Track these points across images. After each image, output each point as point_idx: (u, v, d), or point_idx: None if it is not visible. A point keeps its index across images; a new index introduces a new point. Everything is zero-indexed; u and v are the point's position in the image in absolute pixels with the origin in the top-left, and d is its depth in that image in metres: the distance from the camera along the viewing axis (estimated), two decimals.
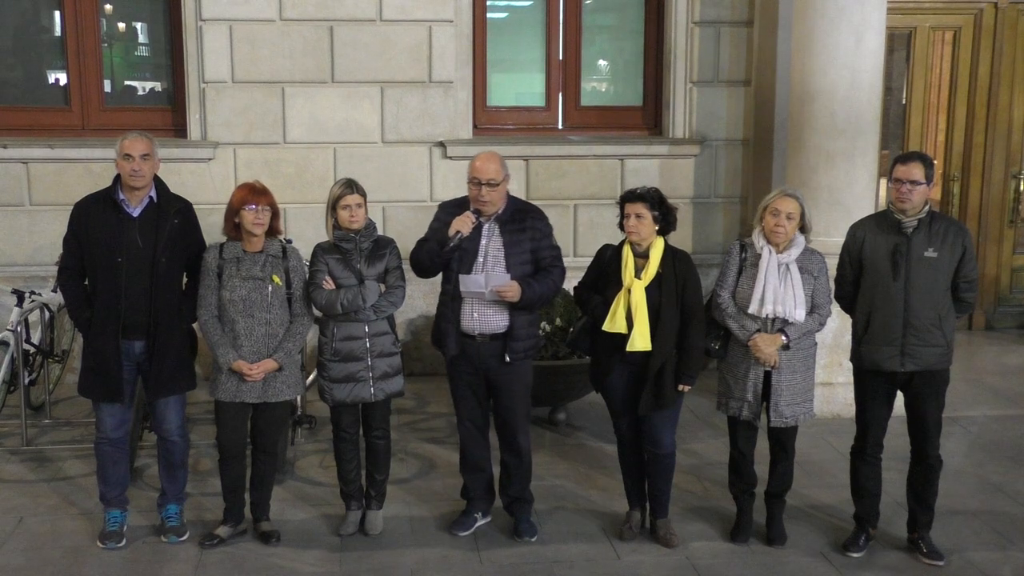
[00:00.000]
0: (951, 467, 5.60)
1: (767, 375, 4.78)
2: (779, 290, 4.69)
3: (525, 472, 5.06)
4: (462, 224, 4.72)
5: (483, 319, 4.80)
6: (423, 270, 4.91)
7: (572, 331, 5.16)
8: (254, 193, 4.71)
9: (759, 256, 4.75)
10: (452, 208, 4.92)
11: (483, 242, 4.81)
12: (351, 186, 4.79)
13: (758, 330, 4.73)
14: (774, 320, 4.73)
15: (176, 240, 4.75)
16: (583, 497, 5.53)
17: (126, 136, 4.73)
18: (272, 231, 4.79)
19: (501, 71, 8.13)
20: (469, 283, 4.75)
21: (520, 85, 8.29)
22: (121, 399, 4.78)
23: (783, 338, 4.70)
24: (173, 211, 4.77)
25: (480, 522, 5.13)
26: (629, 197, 4.76)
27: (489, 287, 4.73)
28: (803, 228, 4.76)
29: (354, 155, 7.57)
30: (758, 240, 4.78)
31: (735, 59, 7.84)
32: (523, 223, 4.85)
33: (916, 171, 4.58)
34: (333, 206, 4.79)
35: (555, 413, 6.72)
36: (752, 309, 4.72)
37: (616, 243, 4.88)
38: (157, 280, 4.69)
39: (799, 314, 4.69)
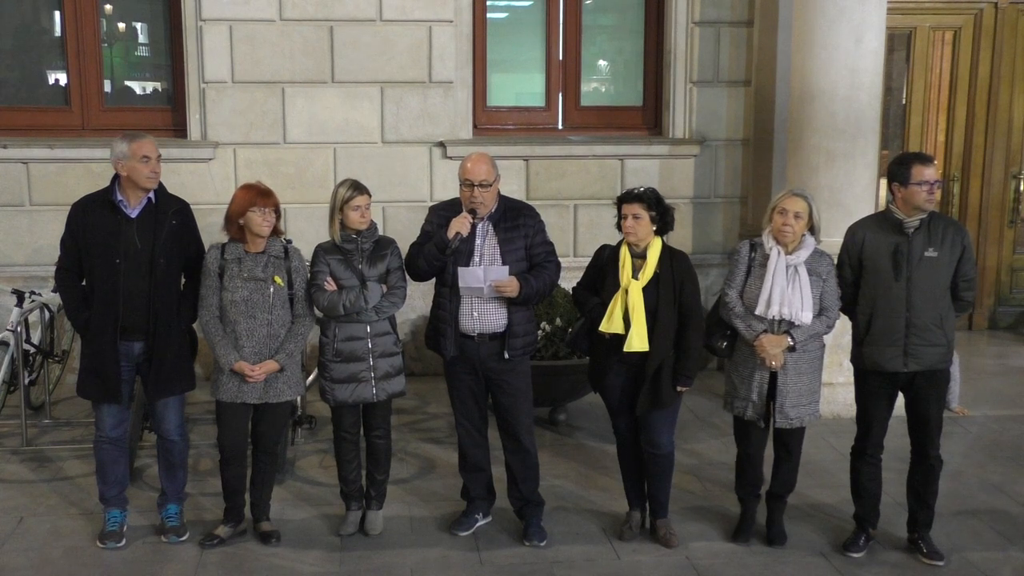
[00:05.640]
0: (951, 467, 5.61)
1: (773, 376, 4.77)
2: (787, 292, 4.66)
3: (532, 473, 5.05)
4: (461, 226, 4.72)
5: (483, 318, 4.80)
6: (421, 274, 4.91)
7: (571, 331, 5.16)
8: (260, 195, 4.70)
9: (768, 257, 4.74)
10: (443, 210, 4.92)
11: (478, 241, 4.81)
12: (359, 187, 4.80)
13: (764, 331, 4.72)
14: (780, 322, 4.72)
15: (175, 241, 4.75)
16: (583, 497, 5.53)
17: (134, 138, 4.69)
18: (274, 231, 4.78)
19: (501, 71, 8.13)
20: (468, 276, 4.75)
21: (520, 85, 8.29)
22: (119, 400, 4.78)
23: (789, 340, 4.70)
24: (171, 212, 4.76)
25: (480, 522, 5.13)
26: (626, 198, 4.75)
27: (488, 281, 4.73)
28: (812, 229, 4.75)
29: (354, 155, 7.58)
30: (767, 241, 4.76)
31: (735, 59, 7.84)
32: (516, 221, 4.85)
33: (935, 170, 4.61)
34: (341, 207, 4.79)
35: (555, 413, 6.72)
36: (759, 310, 4.70)
37: (615, 243, 4.89)
38: (156, 281, 4.69)
39: (806, 316, 4.67)
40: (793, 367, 4.75)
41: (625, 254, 4.77)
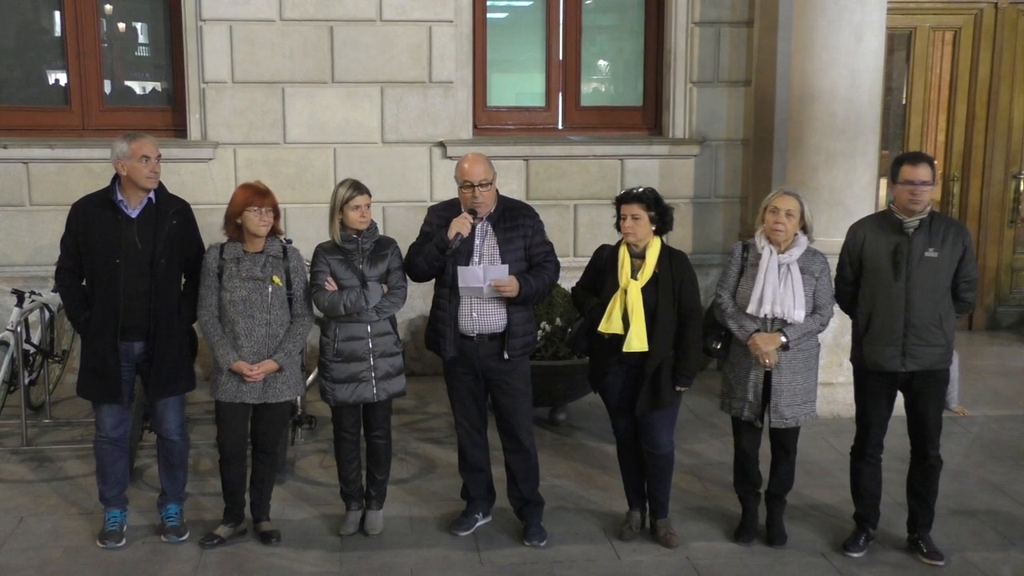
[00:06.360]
0: (951, 467, 5.61)
1: (768, 375, 4.77)
2: (778, 290, 4.68)
3: (532, 472, 5.06)
4: (461, 226, 4.72)
5: (482, 318, 4.80)
6: (420, 275, 4.91)
7: (571, 331, 5.16)
8: (258, 195, 4.70)
9: (760, 256, 4.74)
10: (442, 211, 4.92)
11: (477, 241, 4.81)
12: (360, 187, 4.80)
13: (757, 330, 4.73)
14: (773, 320, 4.72)
15: (175, 241, 4.75)
16: (583, 497, 5.53)
17: (134, 138, 4.69)
18: (273, 231, 4.79)
19: (501, 71, 8.13)
20: (467, 276, 4.75)
21: (520, 85, 8.29)
22: (120, 400, 4.78)
23: (782, 338, 4.70)
24: (171, 212, 4.76)
25: (480, 522, 5.13)
26: (625, 198, 4.76)
27: (487, 280, 4.73)
28: (804, 228, 4.75)
29: (354, 155, 7.58)
30: (760, 240, 4.77)
31: (735, 59, 7.84)
32: (515, 221, 4.86)
33: (926, 172, 4.60)
34: (341, 207, 4.79)
35: (555, 413, 6.72)
36: (751, 309, 4.71)
37: (614, 244, 4.88)
38: (156, 281, 4.68)
39: (798, 315, 4.68)
40: (787, 366, 4.75)
41: (624, 254, 4.77)
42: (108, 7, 7.68)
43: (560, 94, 8.01)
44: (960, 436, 6.50)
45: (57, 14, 7.61)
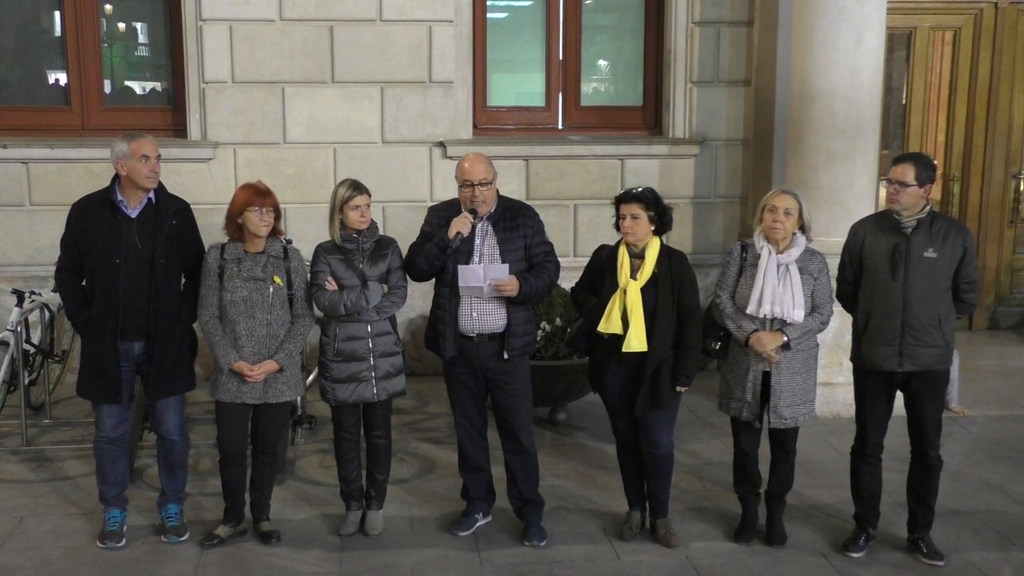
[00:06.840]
0: (951, 467, 5.61)
1: (766, 376, 4.77)
2: (778, 290, 4.68)
3: (532, 472, 5.06)
4: (461, 225, 4.72)
5: (482, 318, 4.80)
6: (420, 275, 4.91)
7: (570, 331, 5.16)
8: (259, 195, 4.70)
9: (759, 256, 4.74)
10: (442, 211, 4.92)
11: (477, 241, 4.81)
12: (359, 187, 4.80)
13: (755, 330, 4.72)
14: (772, 320, 4.72)
15: (175, 241, 4.75)
16: (583, 497, 5.53)
17: (134, 138, 4.69)
18: (274, 231, 4.78)
19: (501, 71, 8.13)
20: (467, 275, 4.75)
21: (520, 85, 8.29)
22: (120, 400, 4.78)
23: (783, 336, 4.69)
24: (171, 212, 4.76)
25: (480, 522, 5.13)
26: (624, 198, 4.76)
27: (487, 280, 4.73)
28: (803, 227, 4.76)
29: (354, 155, 7.58)
30: (758, 240, 4.77)
31: (735, 59, 7.84)
32: (515, 221, 4.86)
33: (906, 172, 4.60)
34: (341, 207, 4.79)
35: (555, 413, 6.72)
36: (750, 309, 4.71)
37: (614, 243, 4.88)
38: (156, 281, 4.68)
39: (797, 315, 4.68)
40: (787, 366, 4.75)
41: (623, 254, 4.77)
42: (108, 7, 7.68)
43: (560, 94, 8.01)
44: (960, 436, 6.50)
45: (57, 14, 7.61)
